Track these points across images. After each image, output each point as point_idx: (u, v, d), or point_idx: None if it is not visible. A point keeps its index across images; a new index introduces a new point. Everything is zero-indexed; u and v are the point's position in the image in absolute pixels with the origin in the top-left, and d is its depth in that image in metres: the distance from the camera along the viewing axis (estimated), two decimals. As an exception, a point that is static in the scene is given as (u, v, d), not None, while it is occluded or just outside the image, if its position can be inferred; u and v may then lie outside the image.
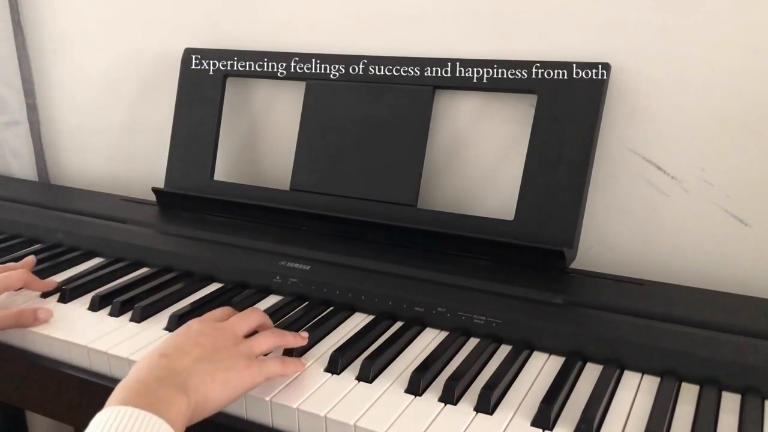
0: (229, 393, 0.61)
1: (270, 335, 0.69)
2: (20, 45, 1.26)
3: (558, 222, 0.82)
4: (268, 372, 0.65)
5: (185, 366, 0.59)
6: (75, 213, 1.07)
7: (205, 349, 0.62)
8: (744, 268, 0.82)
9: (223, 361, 0.62)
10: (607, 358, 0.69)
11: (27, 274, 0.85)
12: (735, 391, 0.65)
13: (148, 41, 1.16)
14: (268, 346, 0.68)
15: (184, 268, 0.91)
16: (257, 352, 0.66)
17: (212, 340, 0.64)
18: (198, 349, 0.62)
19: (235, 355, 0.63)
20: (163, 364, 0.59)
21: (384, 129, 0.93)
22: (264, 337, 0.68)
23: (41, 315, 0.78)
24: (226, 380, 0.61)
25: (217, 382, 0.60)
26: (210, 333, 0.65)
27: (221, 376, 0.60)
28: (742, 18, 0.77)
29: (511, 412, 0.63)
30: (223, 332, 0.66)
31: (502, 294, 0.77)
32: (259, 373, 0.64)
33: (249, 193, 1.02)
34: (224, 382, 0.60)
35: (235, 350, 0.64)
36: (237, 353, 0.64)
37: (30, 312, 0.78)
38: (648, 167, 0.85)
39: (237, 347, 0.64)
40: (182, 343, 0.62)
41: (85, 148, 1.30)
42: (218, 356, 0.62)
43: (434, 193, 0.97)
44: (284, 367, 0.67)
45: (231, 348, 0.64)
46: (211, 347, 0.63)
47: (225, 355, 0.63)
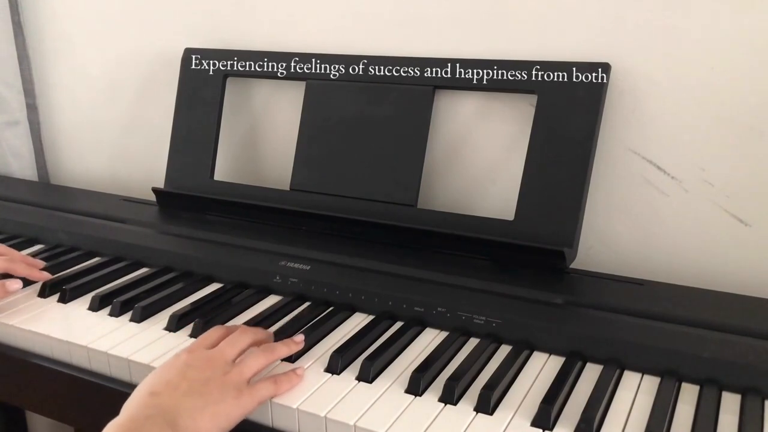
0: (220, 425, 0.61)
1: (260, 355, 0.68)
2: (20, 45, 1.26)
3: (558, 222, 0.82)
4: (261, 397, 0.64)
5: (174, 403, 0.59)
6: (75, 213, 1.07)
7: (193, 382, 0.62)
8: (744, 268, 0.82)
9: (212, 394, 0.61)
10: (607, 358, 0.69)
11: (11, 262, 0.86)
12: (735, 391, 0.65)
13: (148, 41, 1.16)
14: (259, 367, 0.67)
15: (184, 268, 0.91)
16: (247, 376, 0.65)
17: (200, 372, 0.63)
18: (186, 384, 0.62)
19: (224, 386, 0.63)
20: (152, 402, 0.59)
21: (384, 129, 0.93)
22: (254, 359, 0.67)
23: (10, 286, 0.79)
24: (216, 414, 0.60)
25: (206, 416, 0.60)
26: (198, 365, 0.64)
27: (211, 410, 0.60)
28: (742, 18, 0.77)
29: (511, 412, 0.63)
30: (211, 362, 0.65)
31: (502, 294, 0.77)
32: (251, 400, 0.63)
33: (249, 193, 1.02)
34: (214, 416, 0.60)
35: (225, 380, 0.63)
36: (226, 384, 0.63)
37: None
38: (648, 167, 0.85)
39: (226, 376, 0.64)
40: (171, 378, 0.62)
41: (85, 148, 1.30)
42: (206, 389, 0.62)
43: (434, 193, 0.97)
44: (277, 388, 0.65)
45: (220, 378, 0.63)
46: (200, 380, 0.62)
47: (213, 387, 0.62)
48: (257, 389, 0.64)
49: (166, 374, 0.63)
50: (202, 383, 0.62)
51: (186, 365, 0.64)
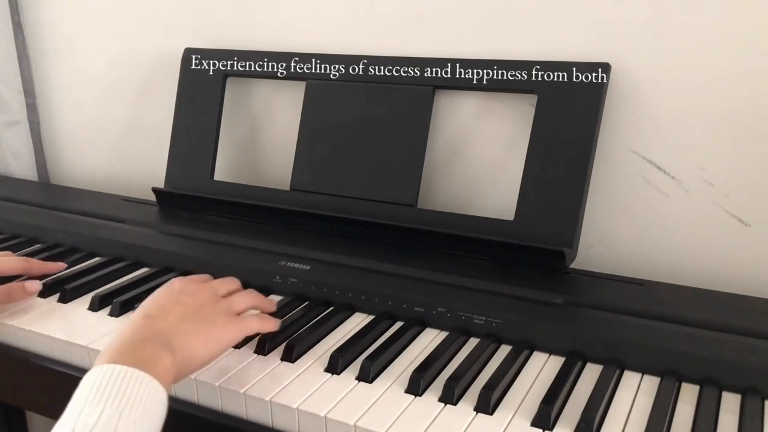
0: (212, 349, 0.64)
1: (248, 294, 0.73)
2: (20, 45, 1.26)
3: (558, 222, 0.82)
4: (249, 328, 0.68)
5: (169, 325, 0.62)
6: (75, 213, 1.07)
7: (186, 307, 0.65)
8: (744, 268, 0.82)
9: (205, 319, 0.65)
10: (607, 358, 0.69)
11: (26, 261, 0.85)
12: (735, 391, 0.65)
13: (148, 41, 1.16)
14: (247, 305, 0.72)
15: (184, 268, 0.91)
16: (237, 309, 0.69)
17: (193, 299, 0.67)
18: (180, 308, 0.65)
19: (215, 312, 0.66)
20: (147, 324, 0.61)
21: (384, 129, 0.93)
22: (243, 296, 0.72)
23: (30, 287, 0.80)
24: (208, 337, 0.64)
25: (199, 339, 0.63)
26: (191, 291, 0.68)
27: (203, 333, 0.63)
28: (742, 18, 0.77)
29: (511, 412, 0.63)
30: (203, 291, 0.69)
31: (502, 294, 0.77)
32: (240, 328, 0.67)
33: (249, 193, 1.02)
34: (206, 339, 0.63)
35: (216, 307, 0.67)
36: (218, 310, 0.67)
37: (18, 286, 0.79)
38: (648, 167, 0.85)
39: (217, 304, 0.68)
40: (164, 303, 0.65)
41: (85, 148, 1.30)
42: (200, 314, 0.65)
43: (434, 193, 0.97)
44: (263, 324, 0.70)
45: (211, 305, 0.67)
46: (193, 305, 0.66)
47: (206, 313, 0.66)
48: (245, 320, 0.68)
49: (160, 299, 0.66)
50: (196, 308, 0.66)
51: (180, 291, 0.68)
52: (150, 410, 0.53)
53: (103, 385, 0.53)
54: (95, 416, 0.51)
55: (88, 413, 0.51)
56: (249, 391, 0.66)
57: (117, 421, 0.51)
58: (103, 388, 0.52)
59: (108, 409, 0.51)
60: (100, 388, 0.52)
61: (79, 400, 0.52)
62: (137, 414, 0.52)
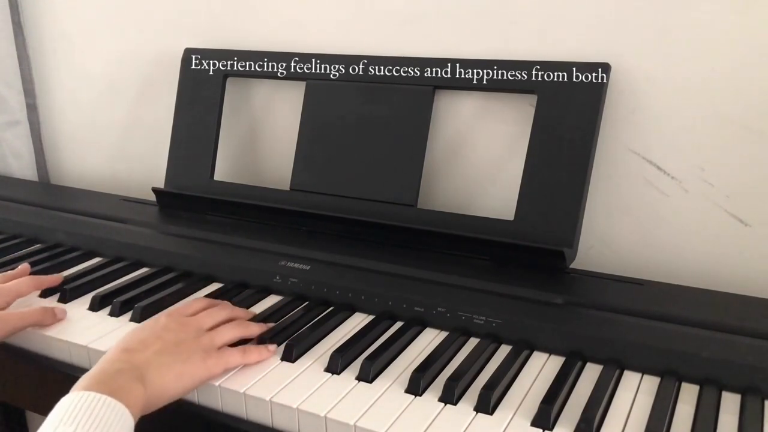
0: (184, 384, 0.65)
1: (234, 327, 0.73)
2: (20, 45, 1.26)
3: (558, 222, 0.82)
4: (227, 363, 0.68)
5: (145, 359, 0.64)
6: (75, 213, 1.07)
7: (165, 343, 0.66)
8: (744, 268, 0.82)
9: (181, 354, 0.66)
10: (607, 358, 0.69)
11: (35, 279, 0.86)
12: (735, 391, 0.65)
13: (148, 41, 1.16)
14: (231, 338, 0.72)
15: (184, 268, 0.91)
16: (218, 344, 0.70)
17: (175, 335, 0.68)
18: (159, 343, 0.66)
19: (193, 349, 0.67)
20: (124, 358, 0.63)
21: (384, 129, 0.93)
22: (227, 329, 0.72)
23: (59, 314, 0.81)
24: (181, 373, 0.64)
25: (172, 374, 0.64)
26: (174, 328, 0.69)
27: (177, 369, 0.64)
28: (742, 18, 0.77)
29: (511, 412, 0.63)
30: (187, 327, 0.70)
31: (502, 294, 0.77)
32: (216, 364, 0.67)
33: (249, 193, 1.02)
34: (179, 375, 0.64)
35: (195, 344, 0.68)
36: (196, 347, 0.67)
37: (50, 311, 0.80)
38: (648, 167, 0.85)
39: (197, 340, 0.68)
40: (145, 338, 0.67)
41: (85, 148, 1.30)
42: (177, 349, 0.66)
43: (434, 193, 0.97)
44: (244, 357, 0.70)
45: (191, 342, 0.68)
46: (173, 341, 0.67)
47: (183, 349, 0.66)
48: (225, 355, 0.68)
49: (141, 334, 0.68)
50: (174, 344, 0.67)
51: (162, 328, 0.69)
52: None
53: (77, 409, 0.56)
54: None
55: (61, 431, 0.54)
56: (249, 391, 0.66)
57: None
58: (77, 411, 0.56)
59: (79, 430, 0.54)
60: (74, 412, 0.56)
61: (54, 419, 0.56)
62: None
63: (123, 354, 0.64)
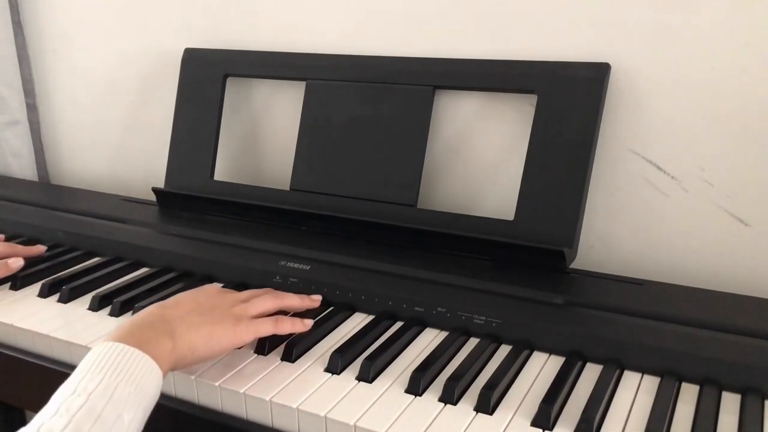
0: (212, 346, 0.66)
1: (268, 298, 0.74)
2: (20, 45, 1.26)
3: (558, 222, 0.82)
4: (257, 330, 0.69)
5: (176, 315, 0.65)
6: (75, 213, 1.07)
7: (200, 305, 0.68)
8: (744, 268, 0.82)
9: (213, 317, 0.67)
10: (607, 358, 0.69)
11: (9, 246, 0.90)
12: (735, 391, 0.65)
13: (148, 41, 1.16)
14: (265, 308, 0.73)
15: (184, 268, 0.91)
16: (251, 313, 0.71)
17: (211, 300, 0.70)
18: (193, 305, 0.68)
19: (225, 314, 0.68)
20: (157, 312, 0.65)
21: (384, 129, 0.93)
22: (261, 300, 0.73)
23: (12, 264, 0.84)
24: (210, 333, 0.65)
25: (201, 333, 0.65)
26: (213, 294, 0.72)
27: (206, 329, 0.65)
28: (742, 18, 0.77)
29: (511, 412, 0.63)
30: (223, 296, 0.72)
31: (502, 294, 0.77)
32: (246, 330, 0.68)
33: (249, 193, 1.02)
34: (208, 335, 0.65)
35: (228, 310, 0.69)
36: (229, 313, 0.69)
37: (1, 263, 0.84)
38: (648, 167, 0.85)
39: (232, 308, 0.70)
40: (182, 299, 0.69)
41: (85, 148, 1.30)
42: (209, 312, 0.68)
43: (434, 193, 0.97)
44: (276, 326, 0.70)
45: (225, 308, 0.69)
46: (207, 305, 0.69)
47: (216, 313, 0.68)
48: (256, 323, 0.69)
49: (179, 296, 0.71)
50: (209, 308, 0.68)
51: (200, 292, 0.72)
52: (144, 386, 0.57)
53: (105, 359, 0.57)
54: (95, 383, 0.55)
55: (89, 380, 0.56)
56: (249, 391, 0.66)
57: (113, 390, 0.55)
58: (105, 360, 0.57)
59: (107, 379, 0.56)
60: (102, 361, 0.57)
61: (83, 368, 0.57)
62: (132, 387, 0.56)
63: (157, 309, 0.66)
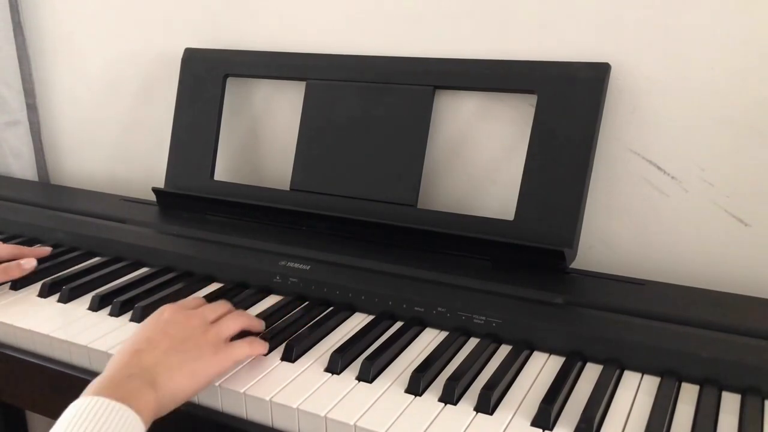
0: (197, 383, 0.64)
1: (237, 318, 0.72)
2: (20, 45, 1.26)
3: (558, 222, 0.82)
4: (236, 356, 0.68)
5: (155, 360, 0.62)
6: (75, 213, 1.07)
7: (173, 340, 0.65)
8: (744, 268, 0.82)
9: (191, 352, 0.65)
10: (607, 358, 0.69)
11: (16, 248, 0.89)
12: (735, 391, 0.65)
13: (148, 41, 1.16)
14: (236, 329, 0.71)
15: (184, 268, 0.91)
16: (225, 336, 0.69)
17: (181, 329, 0.67)
18: (167, 341, 0.65)
19: (202, 344, 0.66)
20: (134, 362, 0.62)
21: (384, 129, 0.93)
22: (232, 320, 0.71)
23: (25, 264, 0.83)
24: (193, 372, 0.64)
25: (184, 374, 0.63)
26: (179, 321, 0.68)
27: (188, 368, 0.63)
28: (742, 18, 0.77)
29: (511, 412, 0.63)
30: (191, 320, 0.69)
31: (502, 294, 0.77)
32: (227, 358, 0.67)
33: (249, 193, 1.02)
34: (192, 374, 0.63)
35: (203, 338, 0.67)
36: (204, 342, 0.66)
37: (14, 264, 0.82)
38: (648, 167, 0.85)
39: (205, 335, 0.67)
40: (152, 336, 0.65)
41: (85, 148, 1.30)
42: (185, 347, 0.65)
43: (434, 193, 0.97)
44: (252, 348, 0.70)
45: (199, 336, 0.67)
46: (180, 337, 0.66)
47: (192, 345, 0.65)
48: (233, 348, 0.68)
49: (148, 331, 0.66)
50: (182, 341, 0.65)
51: (167, 321, 0.68)
52: None
53: (86, 415, 0.55)
54: None
55: None
56: (249, 391, 0.66)
57: None
58: (86, 417, 0.55)
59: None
60: (82, 417, 0.55)
61: (64, 423, 0.55)
62: None
63: (133, 357, 0.63)
